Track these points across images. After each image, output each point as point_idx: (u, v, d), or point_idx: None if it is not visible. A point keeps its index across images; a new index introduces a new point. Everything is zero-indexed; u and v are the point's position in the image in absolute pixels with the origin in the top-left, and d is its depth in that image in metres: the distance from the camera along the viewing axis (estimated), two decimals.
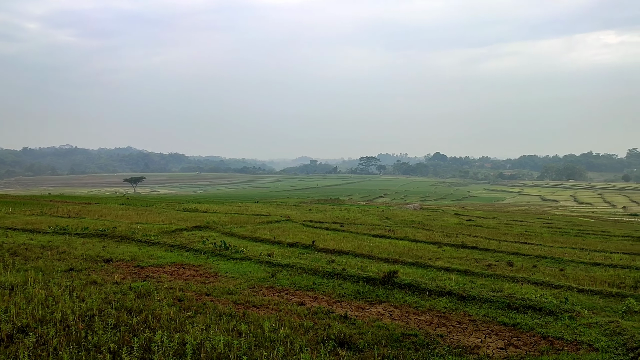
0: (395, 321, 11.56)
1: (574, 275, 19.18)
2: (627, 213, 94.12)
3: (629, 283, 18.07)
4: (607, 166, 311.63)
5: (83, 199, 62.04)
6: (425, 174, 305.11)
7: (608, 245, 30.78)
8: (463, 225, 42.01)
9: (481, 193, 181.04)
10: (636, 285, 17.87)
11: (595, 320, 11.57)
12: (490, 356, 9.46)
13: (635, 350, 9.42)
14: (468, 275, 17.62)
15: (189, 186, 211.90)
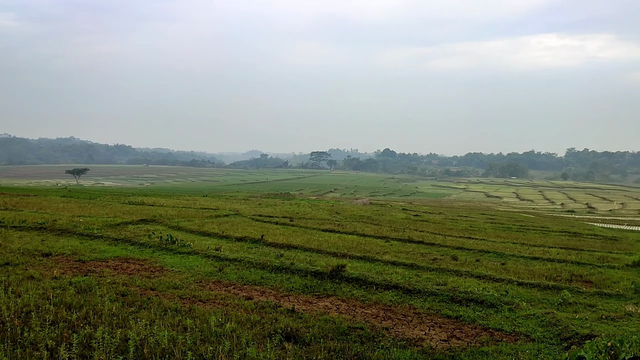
0: (342, 314, 11.66)
1: (514, 269, 19.89)
2: (564, 209, 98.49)
3: (564, 276, 18.91)
4: (547, 164, 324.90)
5: (21, 190, 59.40)
6: (375, 169, 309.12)
7: (547, 240, 32.09)
8: (410, 220, 42.81)
9: (428, 189, 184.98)
10: (571, 278, 18.74)
11: (533, 312, 12.04)
12: (433, 348, 9.68)
13: (569, 340, 9.86)
14: (414, 269, 17.98)
15: (135, 179, 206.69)
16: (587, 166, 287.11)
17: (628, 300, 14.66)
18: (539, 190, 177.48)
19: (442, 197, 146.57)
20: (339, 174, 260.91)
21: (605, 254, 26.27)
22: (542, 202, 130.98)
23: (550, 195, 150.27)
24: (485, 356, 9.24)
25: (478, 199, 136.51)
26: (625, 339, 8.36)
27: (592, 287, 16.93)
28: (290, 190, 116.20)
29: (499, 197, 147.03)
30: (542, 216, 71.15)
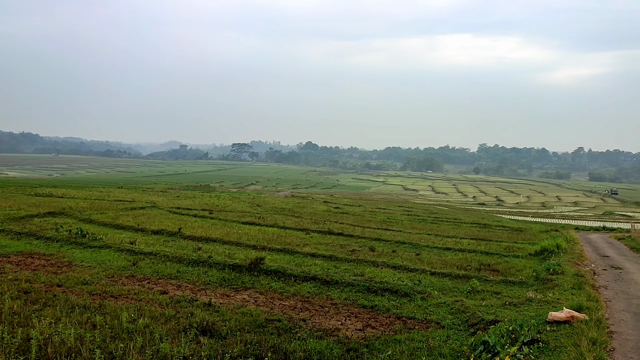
0: (260, 307, 11.62)
1: (428, 259, 20.67)
2: (476, 202, 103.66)
3: (474, 265, 19.90)
4: (461, 159, 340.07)
5: None
6: (297, 162, 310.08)
7: (459, 232, 33.59)
8: (331, 213, 43.36)
9: (349, 182, 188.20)
10: (480, 267, 19.75)
11: (444, 300, 12.59)
12: (349, 337, 9.87)
13: (475, 325, 10.39)
14: (333, 261, 18.23)
15: (44, 169, 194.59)
16: (497, 161, 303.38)
17: (529, 287, 15.64)
18: (453, 183, 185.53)
19: (362, 190, 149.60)
20: (260, 167, 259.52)
21: (511, 244, 27.90)
22: (456, 195, 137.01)
23: (463, 189, 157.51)
24: (398, 344, 9.53)
25: (396, 192, 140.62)
26: (525, 323, 8.94)
27: (499, 275, 17.93)
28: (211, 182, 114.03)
29: (415, 190, 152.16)
30: (455, 208, 74.43)
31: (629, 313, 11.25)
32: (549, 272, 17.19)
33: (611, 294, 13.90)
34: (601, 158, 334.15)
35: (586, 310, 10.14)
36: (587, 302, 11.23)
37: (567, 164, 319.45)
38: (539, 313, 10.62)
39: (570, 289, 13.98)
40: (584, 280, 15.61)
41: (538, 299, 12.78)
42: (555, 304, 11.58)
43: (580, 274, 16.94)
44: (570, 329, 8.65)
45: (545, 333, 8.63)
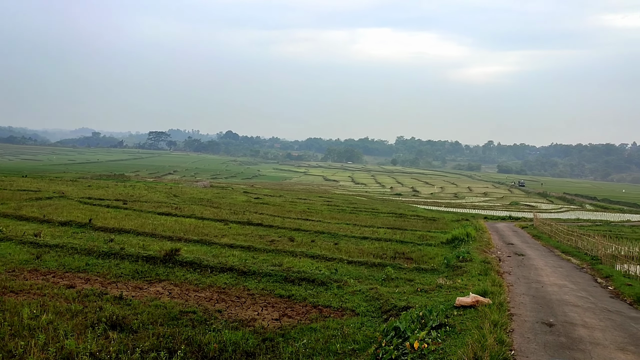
0: (175, 299, 11.34)
1: (346, 248, 21.05)
2: (393, 193, 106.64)
3: (389, 254, 20.50)
4: (380, 151, 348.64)
5: None
6: (217, 151, 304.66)
7: (376, 221, 34.48)
8: (251, 203, 43.06)
9: (270, 172, 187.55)
10: (395, 255, 20.38)
11: (359, 288, 12.87)
12: (265, 327, 9.86)
13: (388, 312, 10.71)
14: (251, 251, 18.12)
15: None
16: (413, 153, 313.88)
17: (440, 273, 16.35)
18: (372, 174, 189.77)
19: (283, 180, 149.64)
20: (179, 156, 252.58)
21: (425, 232, 29.02)
22: (374, 185, 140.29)
23: (382, 180, 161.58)
24: (314, 332, 9.64)
25: (317, 183, 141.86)
26: (434, 309, 9.32)
27: (413, 263, 18.59)
28: (126, 171, 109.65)
29: (336, 181, 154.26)
30: (373, 199, 76.24)
31: (528, 296, 12.04)
32: (458, 260, 18.04)
33: (513, 279, 14.80)
34: (509, 151, 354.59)
35: (490, 295, 10.73)
36: (492, 287, 11.87)
37: (478, 157, 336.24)
38: (447, 298, 11.11)
39: (477, 275, 14.73)
40: (490, 266, 16.51)
41: (448, 285, 13.37)
42: (463, 290, 12.16)
43: (487, 261, 17.90)
44: (475, 313, 9.13)
45: (452, 317, 9.04)
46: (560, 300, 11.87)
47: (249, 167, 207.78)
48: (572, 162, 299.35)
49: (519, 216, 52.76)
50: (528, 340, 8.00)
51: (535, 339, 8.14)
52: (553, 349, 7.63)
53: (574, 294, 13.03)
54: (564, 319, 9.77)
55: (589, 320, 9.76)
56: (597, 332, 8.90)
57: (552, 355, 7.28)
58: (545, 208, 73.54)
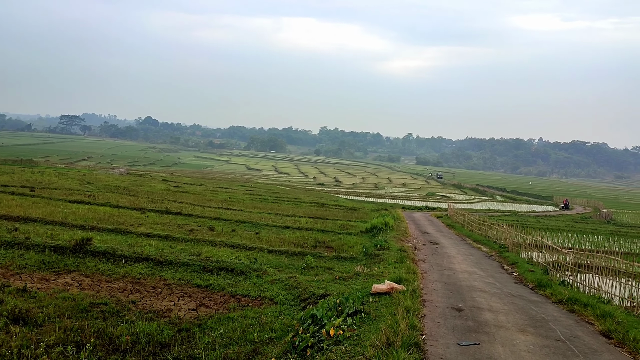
0: (85, 291, 10.84)
1: (267, 237, 21.00)
2: (316, 183, 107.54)
3: (310, 243, 20.68)
4: (303, 140, 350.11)
5: None
6: (135, 138, 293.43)
7: (298, 211, 34.64)
8: (170, 191, 41.91)
9: (191, 160, 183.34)
10: (316, 244, 20.59)
11: (279, 277, 12.90)
12: (181, 318, 9.66)
13: (307, 300, 10.82)
14: (169, 241, 17.66)
15: None
16: (336, 144, 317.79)
17: (359, 262, 16.70)
18: (295, 164, 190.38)
19: (204, 168, 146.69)
20: (94, 141, 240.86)
21: (346, 222, 29.52)
22: (298, 175, 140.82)
23: (305, 169, 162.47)
24: (232, 321, 9.56)
25: (240, 172, 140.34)
26: (351, 296, 9.51)
27: (333, 251, 18.87)
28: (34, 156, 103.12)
29: (259, 170, 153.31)
30: (296, 188, 76.53)
31: (440, 283, 12.58)
32: (376, 248, 18.51)
33: (427, 267, 15.40)
34: (427, 144, 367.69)
35: (405, 282, 11.10)
36: (407, 274, 12.29)
37: (398, 149, 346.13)
38: (364, 286, 11.37)
39: (393, 263, 15.17)
40: (406, 254, 17.07)
41: (365, 273, 13.69)
42: (379, 277, 12.49)
43: (403, 249, 18.49)
44: (390, 300, 9.41)
45: (368, 304, 9.27)
46: (470, 286, 12.48)
47: (169, 154, 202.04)
48: (485, 156, 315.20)
49: (435, 206, 54.89)
50: (438, 325, 8.36)
51: (445, 323, 8.52)
52: (461, 333, 8.02)
53: (482, 280, 13.74)
54: (472, 304, 10.29)
55: (495, 305, 10.34)
56: (501, 315, 9.45)
57: (459, 339, 7.65)
58: (460, 199, 76.99)
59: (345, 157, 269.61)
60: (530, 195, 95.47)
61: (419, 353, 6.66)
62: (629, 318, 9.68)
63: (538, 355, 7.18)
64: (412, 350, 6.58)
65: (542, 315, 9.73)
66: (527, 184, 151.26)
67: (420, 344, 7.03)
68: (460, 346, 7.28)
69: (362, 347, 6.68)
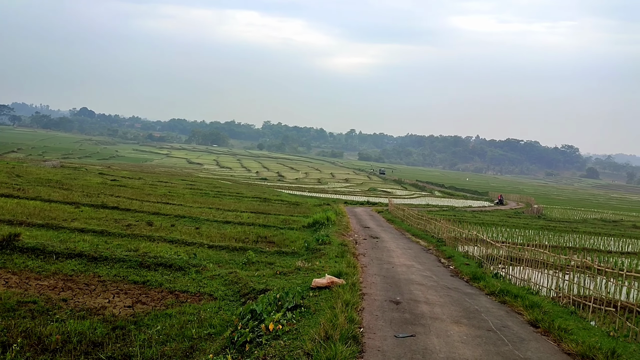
0: (12, 289, 10.32)
1: (207, 232, 20.70)
2: (259, 177, 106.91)
3: (252, 238, 20.55)
4: (246, 135, 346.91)
5: None
6: (69, 129, 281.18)
7: (240, 205, 34.32)
8: (107, 185, 40.52)
9: (130, 153, 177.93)
10: (258, 239, 20.48)
11: (218, 273, 12.74)
12: (116, 315, 9.37)
13: (247, 295, 10.75)
14: (104, 236, 17.09)
15: None
16: (280, 138, 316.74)
17: (300, 256, 16.75)
18: (238, 158, 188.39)
19: (144, 162, 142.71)
20: (24, 132, 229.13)
21: (288, 217, 29.51)
22: (240, 170, 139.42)
23: (248, 164, 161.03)
24: (169, 318, 9.37)
25: (180, 165, 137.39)
26: (291, 291, 9.52)
27: (274, 246, 18.83)
28: None
29: (200, 164, 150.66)
30: (238, 183, 75.78)
31: (379, 276, 12.80)
32: (318, 243, 18.61)
33: (367, 260, 15.63)
34: (369, 140, 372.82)
35: (345, 276, 11.21)
36: (347, 268, 12.42)
37: (341, 144, 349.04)
38: (305, 280, 11.40)
39: (334, 257, 15.30)
40: (347, 249, 17.25)
41: (306, 268, 13.74)
42: (320, 272, 12.56)
43: (344, 244, 18.69)
44: (330, 294, 9.48)
45: (308, 298, 9.31)
46: (408, 279, 12.77)
47: (106, 147, 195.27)
48: (425, 152, 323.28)
49: (376, 201, 55.80)
50: (376, 318, 8.50)
51: (383, 316, 8.67)
52: (398, 325, 8.19)
53: (420, 273, 14.09)
54: (409, 296, 10.53)
55: (431, 297, 10.63)
56: (437, 307, 9.72)
57: (396, 331, 7.81)
58: (400, 194, 78.58)
59: (288, 152, 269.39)
60: (467, 191, 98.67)
61: (356, 346, 6.75)
62: (555, 308, 10.18)
63: (470, 345, 7.44)
64: (350, 343, 6.66)
65: (476, 307, 10.09)
66: (464, 180, 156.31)
67: (358, 337, 7.13)
68: (397, 338, 7.43)
69: (301, 341, 6.70)
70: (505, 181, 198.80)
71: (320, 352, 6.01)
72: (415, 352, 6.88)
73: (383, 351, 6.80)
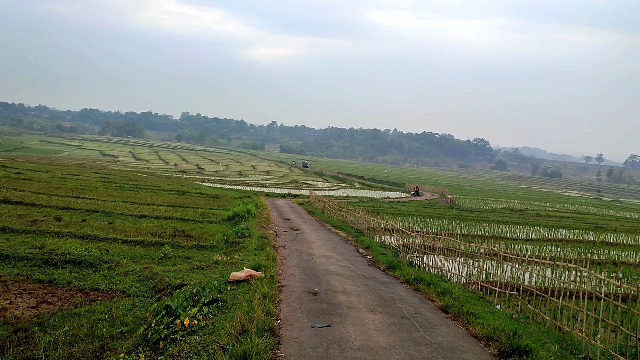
0: None
1: (122, 227, 19.91)
2: (177, 170, 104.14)
3: (169, 232, 20.01)
4: (164, 126, 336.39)
5: None
6: None
7: (157, 199, 33.26)
8: (10, 179, 37.86)
9: (36, 144, 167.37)
10: (175, 233, 19.96)
11: (132, 269, 12.29)
12: (18, 317, 8.81)
13: (162, 291, 10.45)
14: (6, 233, 16.00)
15: None
16: (199, 130, 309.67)
17: (219, 250, 16.51)
18: (155, 150, 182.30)
19: (52, 154, 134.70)
20: None
21: (207, 210, 28.97)
22: (157, 162, 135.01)
23: (165, 156, 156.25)
24: (78, 317, 8.93)
25: (93, 157, 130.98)
26: (208, 285, 9.36)
27: (192, 240, 18.43)
28: None
29: (114, 156, 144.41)
30: (155, 176, 73.39)
31: (298, 268, 12.87)
32: (237, 236, 18.42)
33: (287, 252, 15.67)
34: (291, 132, 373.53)
35: (264, 269, 11.16)
36: (266, 261, 12.37)
37: (262, 136, 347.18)
38: (223, 274, 11.25)
39: (254, 250, 15.21)
40: (267, 241, 17.20)
41: (224, 261, 13.56)
42: (239, 265, 12.44)
43: (264, 236, 18.61)
44: (248, 287, 9.41)
45: (225, 292, 9.18)
46: (326, 270, 12.93)
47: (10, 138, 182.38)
48: (345, 145, 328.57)
49: (298, 193, 56.03)
50: (294, 309, 8.54)
51: (301, 307, 8.73)
52: (315, 315, 8.28)
53: (338, 264, 14.31)
54: (327, 287, 10.67)
55: (348, 287, 10.82)
56: (353, 297, 9.92)
57: (313, 321, 7.89)
58: (321, 186, 79.37)
59: (208, 144, 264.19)
60: (386, 183, 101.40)
61: (273, 338, 6.75)
62: (464, 294, 10.69)
63: (385, 332, 7.65)
64: (266, 335, 6.65)
65: (391, 295, 10.39)
66: (383, 172, 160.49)
67: (275, 329, 7.13)
68: (314, 329, 7.51)
69: (216, 336, 6.60)
70: (421, 173, 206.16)
71: (236, 346, 5.95)
72: (332, 341, 6.98)
73: (300, 342, 6.84)
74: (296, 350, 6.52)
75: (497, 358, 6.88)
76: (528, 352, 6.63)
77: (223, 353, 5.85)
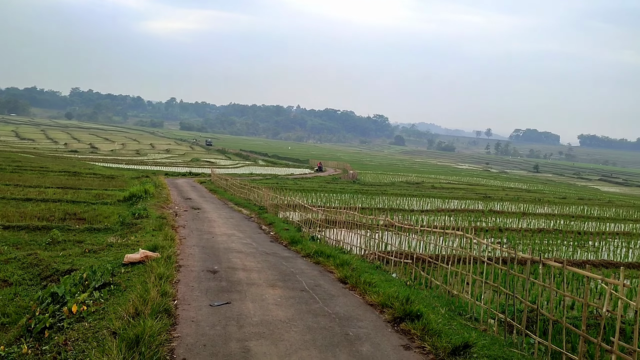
0: None
1: (4, 212, 18.41)
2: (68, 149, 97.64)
3: (58, 215, 18.78)
4: (51, 102, 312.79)
5: None
6: None
7: (44, 181, 31.05)
8: None
9: None
10: (65, 217, 18.78)
11: (15, 255, 11.42)
12: None
13: (48, 278, 9.81)
14: None
15: None
16: (91, 107, 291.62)
17: (114, 232, 15.78)
18: (42, 129, 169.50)
19: None
20: None
21: (102, 191, 27.52)
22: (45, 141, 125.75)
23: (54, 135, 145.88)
24: None
25: None
26: (100, 269, 8.90)
27: (85, 223, 17.44)
28: None
29: None
30: (43, 156, 68.41)
31: (198, 247, 12.59)
32: (134, 217, 17.68)
33: (187, 232, 15.29)
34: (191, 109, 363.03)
35: (161, 249, 10.79)
36: (164, 241, 11.98)
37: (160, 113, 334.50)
38: (117, 257, 10.75)
39: (151, 231, 14.68)
40: (166, 222, 16.67)
41: (119, 244, 12.98)
42: (134, 247, 11.95)
43: (163, 217, 18.03)
44: (143, 269, 9.05)
45: (119, 275, 8.79)
46: (227, 248, 12.78)
47: None
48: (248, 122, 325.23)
49: (199, 172, 54.82)
50: (192, 289, 8.35)
51: (199, 286, 8.55)
52: (214, 293, 8.15)
53: (240, 241, 14.20)
54: (227, 265, 10.54)
55: (249, 264, 10.77)
56: (254, 273, 9.88)
57: (212, 300, 7.77)
58: (224, 164, 78.15)
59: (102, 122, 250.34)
60: (290, 159, 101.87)
61: (169, 319, 6.55)
62: (362, 264, 11.02)
63: (284, 306, 7.70)
64: (161, 317, 6.43)
65: (292, 270, 10.48)
66: (286, 149, 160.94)
67: (171, 310, 6.92)
68: (212, 307, 7.39)
69: (107, 321, 6.29)
70: (324, 149, 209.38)
71: (128, 329, 5.70)
72: (230, 318, 6.91)
73: (197, 321, 6.71)
74: (193, 329, 6.39)
75: (391, 324, 7.16)
76: (419, 317, 6.96)
77: (113, 338, 5.58)
